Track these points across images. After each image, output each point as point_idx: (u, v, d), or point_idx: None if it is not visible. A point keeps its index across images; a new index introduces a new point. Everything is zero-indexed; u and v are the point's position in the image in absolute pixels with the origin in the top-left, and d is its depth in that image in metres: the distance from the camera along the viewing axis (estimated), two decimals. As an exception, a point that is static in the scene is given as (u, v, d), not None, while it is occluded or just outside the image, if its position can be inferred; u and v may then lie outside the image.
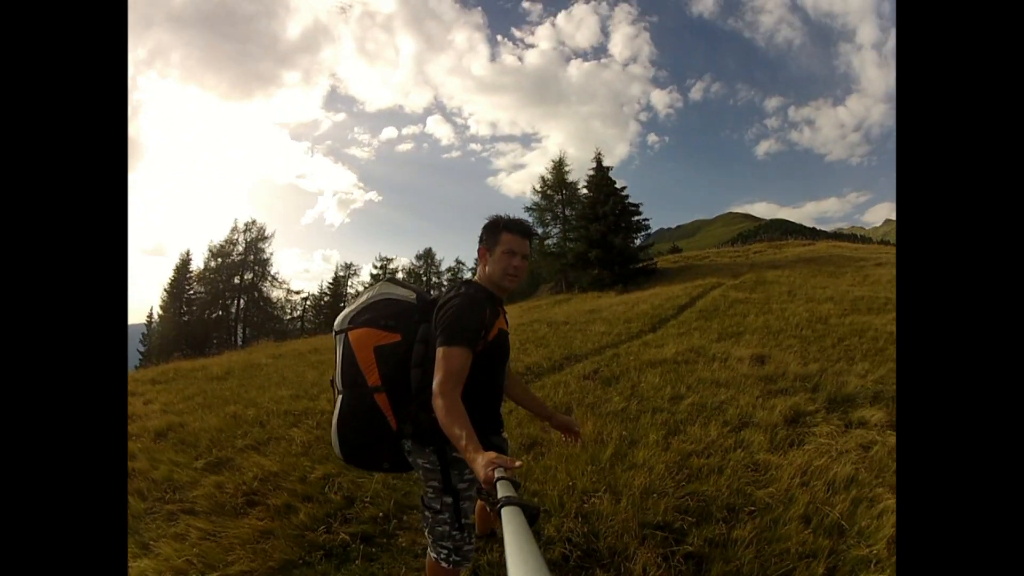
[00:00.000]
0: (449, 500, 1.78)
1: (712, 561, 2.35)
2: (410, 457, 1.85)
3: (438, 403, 1.57)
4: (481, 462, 1.31)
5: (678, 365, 6.14)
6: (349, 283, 45.37)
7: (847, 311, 8.76)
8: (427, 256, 45.25)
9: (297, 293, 44.38)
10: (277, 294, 43.43)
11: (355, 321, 1.85)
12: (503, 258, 1.83)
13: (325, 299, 44.84)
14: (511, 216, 1.91)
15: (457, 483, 1.78)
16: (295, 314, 44.53)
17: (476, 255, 1.92)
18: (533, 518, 1.03)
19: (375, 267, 43.92)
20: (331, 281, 45.37)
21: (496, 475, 1.23)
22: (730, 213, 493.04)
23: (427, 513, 1.84)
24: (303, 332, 37.79)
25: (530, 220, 9.16)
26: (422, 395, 1.75)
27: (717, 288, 13.90)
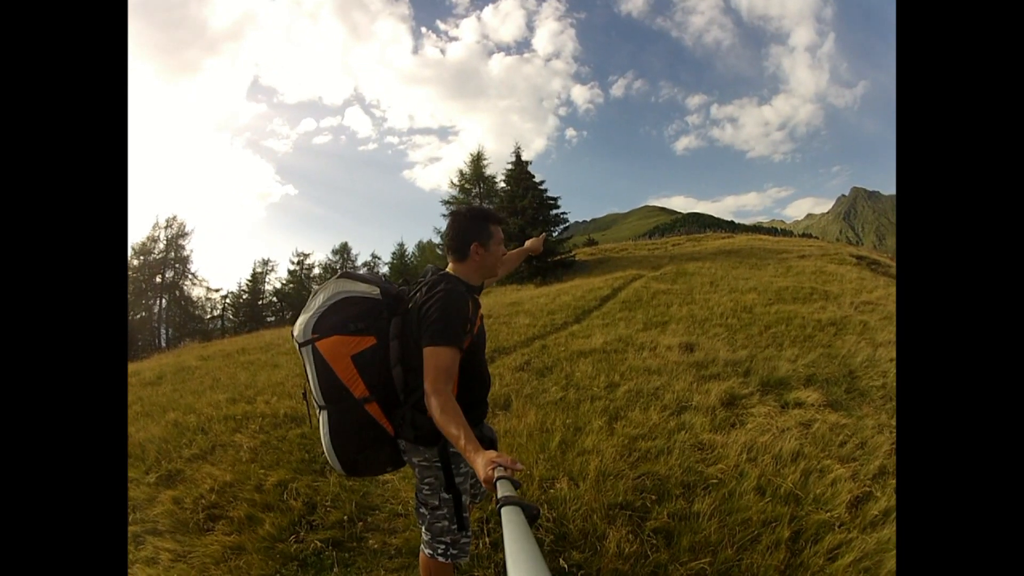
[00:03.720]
0: (448, 495, 1.77)
1: (680, 534, 2.51)
2: (405, 456, 1.83)
3: (432, 403, 1.56)
4: (481, 461, 1.31)
5: (608, 355, 6.27)
6: (267, 280, 43.42)
7: (772, 300, 9.23)
8: (343, 251, 44.19)
9: (216, 291, 42.06)
10: (197, 292, 41.18)
11: (320, 329, 1.73)
12: (497, 249, 1.87)
13: (244, 297, 42.70)
14: (486, 208, 1.94)
15: (455, 477, 1.78)
16: (215, 313, 42.19)
17: (448, 252, 1.87)
18: (533, 518, 1.04)
19: (292, 263, 42.49)
20: (249, 278, 43.28)
21: (496, 475, 1.24)
22: (646, 207, 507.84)
23: (423, 510, 1.82)
24: (224, 331, 35.89)
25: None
26: (412, 396, 1.72)
27: (638, 280, 14.15)
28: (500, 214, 1.94)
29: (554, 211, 26.23)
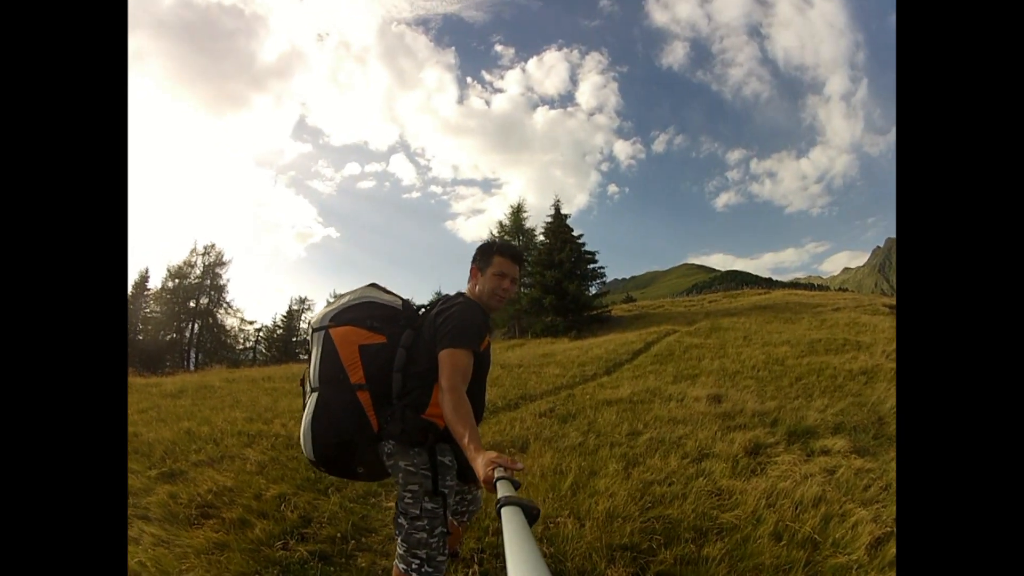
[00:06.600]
0: (430, 506, 1.71)
1: (685, 578, 2.33)
2: (389, 460, 1.77)
3: (446, 399, 1.59)
4: (481, 461, 1.30)
5: (634, 404, 6.17)
6: (303, 318, 44.31)
7: (804, 353, 8.97)
8: (381, 296, 45.20)
9: (251, 323, 43.11)
10: (231, 322, 42.25)
11: (338, 319, 1.85)
12: (493, 279, 1.90)
13: (278, 332, 43.62)
14: (502, 241, 2.02)
15: (441, 486, 1.73)
16: (248, 344, 43.12)
17: (468, 274, 1.98)
18: (533, 518, 1.01)
19: (329, 303, 43.23)
20: (284, 314, 44.34)
21: (496, 475, 1.21)
22: (685, 264, 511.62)
23: (402, 520, 1.74)
24: (255, 362, 36.57)
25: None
26: (407, 398, 1.75)
27: (672, 334, 14.06)
28: (518, 250, 2.00)
29: (591, 265, 26.44)
